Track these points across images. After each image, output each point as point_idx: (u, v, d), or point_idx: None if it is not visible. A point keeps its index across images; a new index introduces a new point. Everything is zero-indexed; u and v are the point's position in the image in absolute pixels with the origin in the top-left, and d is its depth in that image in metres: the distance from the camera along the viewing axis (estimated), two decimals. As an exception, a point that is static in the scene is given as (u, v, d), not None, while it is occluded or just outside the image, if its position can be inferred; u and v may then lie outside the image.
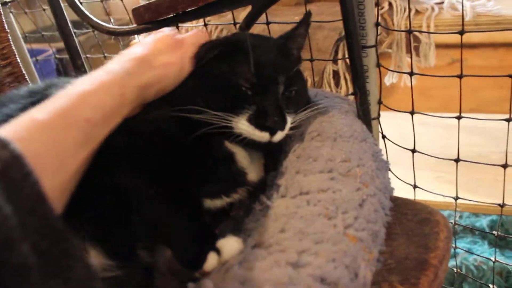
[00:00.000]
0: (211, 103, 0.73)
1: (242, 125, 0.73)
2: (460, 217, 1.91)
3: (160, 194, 0.69)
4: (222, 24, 1.51)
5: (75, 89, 0.62)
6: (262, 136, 0.73)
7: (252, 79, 0.74)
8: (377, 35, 1.00)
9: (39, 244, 0.41)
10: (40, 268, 0.40)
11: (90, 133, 0.61)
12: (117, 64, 0.70)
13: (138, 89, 0.70)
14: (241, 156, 0.79)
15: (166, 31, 0.83)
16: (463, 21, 0.96)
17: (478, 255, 1.59)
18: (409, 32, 1.00)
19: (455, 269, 1.56)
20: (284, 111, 0.75)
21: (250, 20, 0.96)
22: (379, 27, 1.00)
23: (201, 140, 0.72)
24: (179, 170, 0.73)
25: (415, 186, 1.19)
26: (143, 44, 0.78)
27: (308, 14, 0.84)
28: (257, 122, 0.72)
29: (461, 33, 0.92)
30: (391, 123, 1.26)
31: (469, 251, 1.64)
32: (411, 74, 1.04)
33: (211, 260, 0.63)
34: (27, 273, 0.39)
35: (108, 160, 0.70)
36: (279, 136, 0.74)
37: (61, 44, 2.23)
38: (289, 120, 0.76)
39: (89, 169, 0.69)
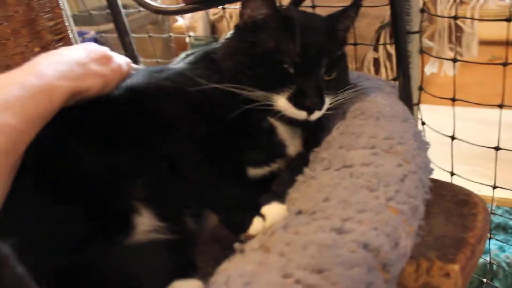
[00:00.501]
0: (255, 80, 0.77)
1: (282, 103, 0.76)
2: (493, 211, 1.89)
3: (208, 160, 0.73)
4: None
5: (0, 95, 0.61)
6: (299, 114, 0.76)
7: (296, 58, 0.77)
8: (421, 21, 1.00)
9: None
10: None
11: (17, 140, 0.60)
12: (51, 66, 0.70)
13: (68, 95, 0.69)
14: (282, 130, 0.82)
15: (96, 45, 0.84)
16: (510, 9, 0.95)
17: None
18: (454, 18, 1.00)
19: (487, 260, 1.55)
20: (323, 92, 0.78)
21: (297, 3, 0.98)
22: (424, 14, 1.00)
23: (245, 113, 0.75)
24: (225, 138, 0.76)
25: (452, 173, 1.19)
26: (74, 49, 0.78)
27: None
28: (296, 101, 0.76)
29: (509, 20, 0.92)
30: (429, 116, 1.27)
31: (506, 243, 1.63)
32: (454, 60, 1.04)
33: (256, 224, 0.65)
34: None
35: (161, 128, 0.74)
36: (316, 115, 0.77)
37: (102, 27, 2.30)
38: (327, 101, 0.79)
39: (143, 135, 0.73)
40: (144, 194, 0.71)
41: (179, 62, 0.90)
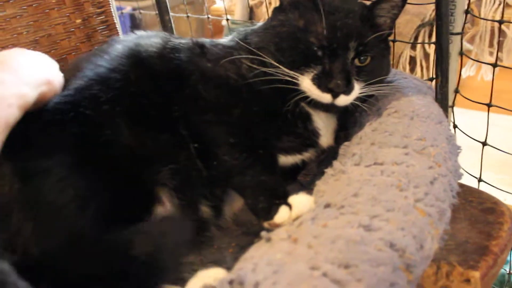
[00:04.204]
0: (279, 57, 0.77)
1: (306, 84, 0.76)
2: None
3: (241, 144, 0.74)
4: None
5: None
6: (323, 97, 0.76)
7: (323, 40, 0.76)
8: (464, 22, 0.99)
9: None
10: None
11: None
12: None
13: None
14: (317, 118, 0.82)
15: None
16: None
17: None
18: (499, 22, 0.99)
19: (507, 271, 1.53)
20: (351, 76, 0.77)
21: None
22: (467, 16, 0.99)
23: (281, 97, 0.77)
24: (260, 121, 0.77)
25: (480, 180, 1.18)
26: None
27: None
28: (319, 82, 0.75)
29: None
30: (462, 119, 1.25)
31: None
32: (494, 65, 1.03)
33: (282, 212, 0.66)
34: None
35: (197, 109, 0.75)
36: (342, 100, 0.76)
37: (141, 3, 2.32)
38: (357, 87, 0.78)
39: (178, 116, 0.74)
40: (170, 182, 0.72)
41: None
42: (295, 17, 0.80)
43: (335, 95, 0.75)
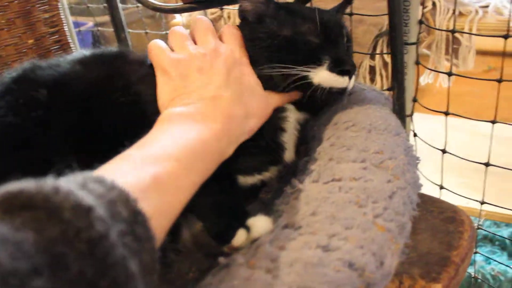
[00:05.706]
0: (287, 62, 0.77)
1: (323, 73, 0.77)
2: (481, 225, 1.90)
3: None
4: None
5: (187, 149, 0.62)
6: (343, 81, 0.78)
7: (320, 34, 0.80)
8: (419, 33, 1.00)
9: None
10: None
11: (192, 194, 0.61)
12: (214, 137, 0.68)
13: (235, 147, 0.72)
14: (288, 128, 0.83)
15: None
16: (509, 24, 0.95)
17: (499, 262, 1.59)
18: (452, 32, 1.00)
19: (472, 274, 1.56)
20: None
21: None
22: (421, 26, 1.00)
23: None
24: None
25: (441, 187, 1.20)
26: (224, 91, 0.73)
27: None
28: (337, 68, 0.77)
29: (506, 37, 0.92)
30: (422, 125, 1.27)
31: (489, 258, 1.63)
32: (449, 74, 1.04)
33: (240, 236, 0.65)
34: None
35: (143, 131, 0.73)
36: (352, 82, 0.80)
37: (100, 19, 2.29)
38: None
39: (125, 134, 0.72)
40: None
41: None
42: (277, 27, 0.80)
43: (350, 76, 0.79)
